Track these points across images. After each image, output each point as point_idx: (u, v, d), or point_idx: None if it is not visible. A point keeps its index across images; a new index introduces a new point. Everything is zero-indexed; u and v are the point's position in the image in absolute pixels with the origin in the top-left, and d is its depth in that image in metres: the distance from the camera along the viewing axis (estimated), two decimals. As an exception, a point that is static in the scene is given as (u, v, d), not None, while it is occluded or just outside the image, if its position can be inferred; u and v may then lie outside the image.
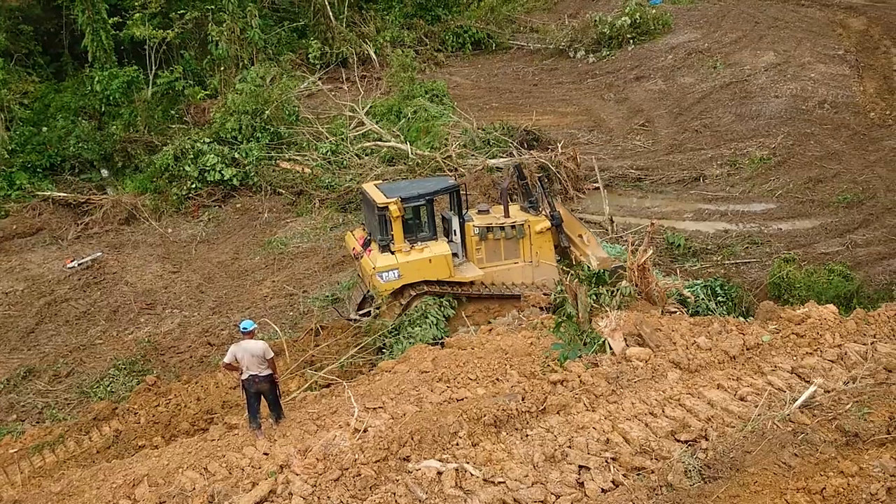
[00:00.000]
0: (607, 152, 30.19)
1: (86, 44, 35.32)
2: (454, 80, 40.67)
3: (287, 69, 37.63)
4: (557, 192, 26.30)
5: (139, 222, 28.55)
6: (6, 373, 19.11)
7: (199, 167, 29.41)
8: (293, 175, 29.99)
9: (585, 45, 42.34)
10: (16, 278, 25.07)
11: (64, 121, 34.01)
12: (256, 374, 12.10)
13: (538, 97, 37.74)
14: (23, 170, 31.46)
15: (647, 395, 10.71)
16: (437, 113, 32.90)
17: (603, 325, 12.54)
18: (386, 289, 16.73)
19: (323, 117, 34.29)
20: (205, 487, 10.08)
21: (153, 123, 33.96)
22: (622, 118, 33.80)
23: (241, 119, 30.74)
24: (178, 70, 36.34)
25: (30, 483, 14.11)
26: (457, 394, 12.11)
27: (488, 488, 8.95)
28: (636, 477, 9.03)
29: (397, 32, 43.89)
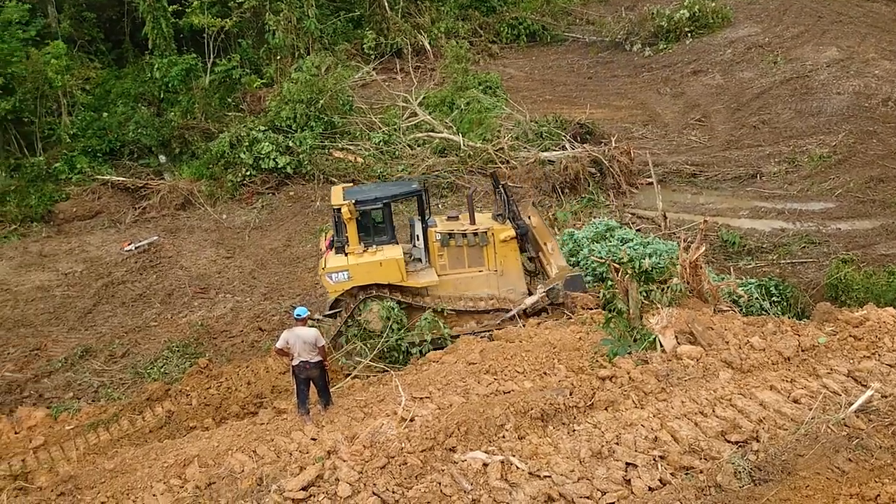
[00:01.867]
0: (662, 147, 29.80)
1: (146, 31, 36.03)
2: (508, 72, 40.50)
3: (342, 59, 37.88)
4: (610, 187, 26.07)
5: (195, 208, 29.04)
6: (64, 351, 19.59)
7: (253, 155, 29.78)
8: (345, 164, 30.20)
9: (642, 38, 41.85)
10: (75, 260, 25.71)
11: (124, 107, 34.75)
12: (307, 361, 12.25)
13: (593, 90, 37.39)
14: (84, 154, 32.20)
15: (698, 394, 10.57)
16: (490, 105, 32.83)
17: (654, 322, 12.39)
18: (335, 290, 16.49)
19: (376, 107, 34.45)
20: (253, 470, 10.23)
21: (210, 111, 34.46)
22: (678, 113, 33.32)
23: (296, 108, 31.03)
24: (236, 58, 36.88)
25: (85, 459, 14.47)
26: (504, 386, 12.10)
27: (534, 482, 8.93)
28: (684, 476, 8.92)
29: (452, 23, 43.86)
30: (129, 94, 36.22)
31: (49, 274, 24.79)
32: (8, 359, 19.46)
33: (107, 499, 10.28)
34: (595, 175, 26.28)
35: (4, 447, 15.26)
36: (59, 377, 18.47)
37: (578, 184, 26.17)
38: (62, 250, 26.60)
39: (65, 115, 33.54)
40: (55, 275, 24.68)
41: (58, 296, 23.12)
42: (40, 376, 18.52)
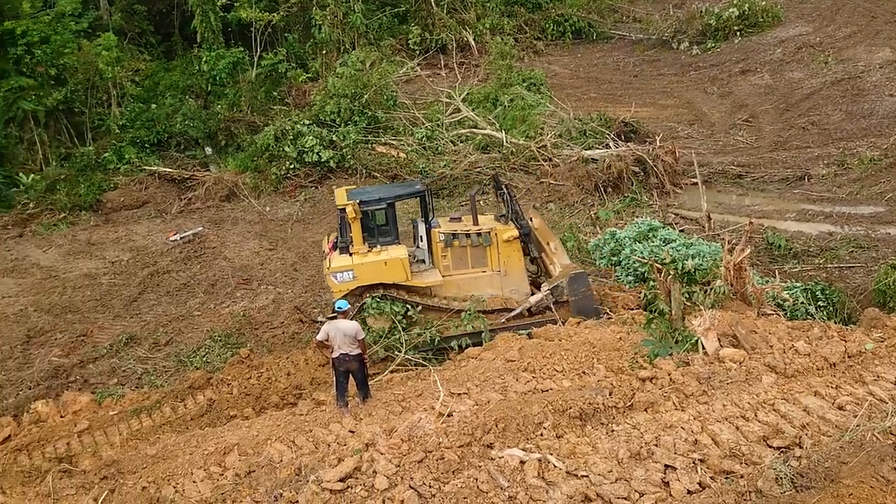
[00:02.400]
0: (708, 147, 29.43)
1: (195, 25, 36.56)
2: (552, 69, 40.30)
3: (387, 54, 38.02)
4: (653, 187, 25.81)
5: (239, 200, 29.38)
6: (110, 338, 19.93)
7: (297, 148, 30.03)
8: (388, 159, 30.31)
9: (690, 37, 41.37)
10: (122, 248, 26.17)
11: (172, 99, 35.28)
12: (347, 353, 12.33)
13: (638, 88, 37.04)
14: (132, 144, 32.75)
15: (740, 397, 10.43)
16: (534, 102, 32.70)
17: (696, 324, 12.25)
18: (340, 289, 16.41)
19: (420, 103, 34.50)
20: (292, 460, 10.33)
21: (256, 104, 34.84)
22: (725, 112, 32.87)
23: (341, 102, 31.21)
24: (282, 52, 37.20)
25: (127, 445, 14.72)
26: (542, 384, 12.07)
27: (571, 481, 8.89)
28: (724, 480, 8.81)
29: (497, 20, 43.75)
30: (177, 86, 36.76)
31: (96, 262, 25.27)
32: (55, 344, 19.84)
33: (148, 484, 10.46)
34: (639, 174, 26.04)
35: (50, 430, 15.57)
36: (104, 363, 18.78)
37: (622, 183, 25.94)
38: (109, 239, 27.09)
39: (114, 106, 34.14)
40: (102, 263, 25.14)
41: (104, 283, 23.55)
42: (86, 362, 18.86)
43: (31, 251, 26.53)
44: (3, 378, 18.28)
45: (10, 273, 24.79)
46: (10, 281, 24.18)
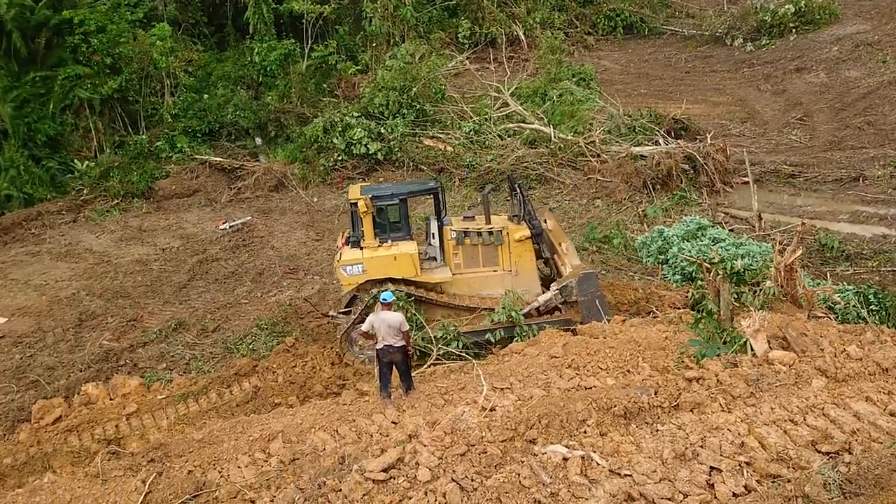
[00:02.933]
0: (760, 146, 28.94)
1: (248, 16, 37.01)
2: (603, 65, 39.98)
3: (436, 47, 38.07)
4: (703, 185, 25.45)
5: (287, 190, 29.70)
6: (159, 324, 20.29)
7: (346, 140, 30.25)
8: (435, 152, 30.36)
9: (744, 33, 40.73)
10: (172, 235, 26.63)
11: (224, 89, 35.77)
12: (391, 345, 12.39)
13: (689, 85, 36.59)
14: (184, 134, 33.31)
15: (789, 401, 10.24)
16: (583, 97, 32.48)
17: (745, 325, 12.06)
18: (350, 283, 16.53)
19: (468, 97, 34.48)
20: (335, 449, 10.41)
21: (306, 95, 35.17)
22: (778, 111, 32.29)
23: (389, 95, 31.34)
24: (332, 45, 37.51)
25: (174, 429, 15.00)
26: (585, 382, 11.99)
27: (614, 479, 8.83)
28: (770, 484, 8.67)
29: (548, 14, 43.52)
30: (229, 76, 37.27)
31: (147, 248, 25.75)
32: (106, 328, 20.27)
33: (194, 468, 10.62)
34: (688, 172, 25.70)
35: (100, 412, 15.93)
36: (153, 348, 19.12)
37: (671, 180, 25.62)
38: (160, 226, 27.59)
39: (167, 96, 34.72)
40: (153, 249, 25.61)
41: (155, 270, 23.98)
42: (136, 346, 19.22)
43: (85, 236, 27.15)
44: (55, 360, 18.72)
45: (63, 257, 25.39)
46: (64, 265, 24.77)
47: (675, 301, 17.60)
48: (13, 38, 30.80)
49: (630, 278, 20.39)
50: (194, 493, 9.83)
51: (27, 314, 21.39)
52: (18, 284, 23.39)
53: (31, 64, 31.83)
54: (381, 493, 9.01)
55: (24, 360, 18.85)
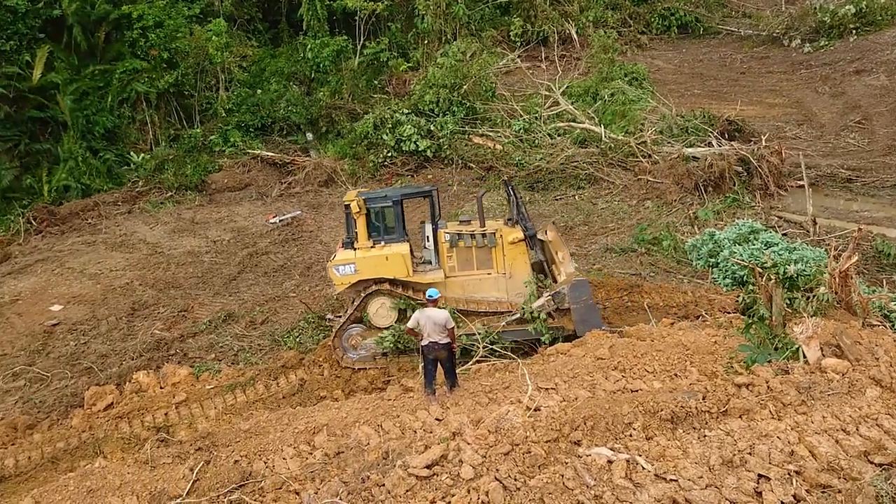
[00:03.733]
0: (816, 149, 28.34)
1: (302, 13, 37.37)
2: (656, 64, 39.53)
3: (488, 45, 38.03)
4: (757, 188, 25.01)
5: (337, 185, 29.94)
6: (209, 315, 20.62)
7: (396, 137, 30.40)
8: (484, 150, 30.35)
9: (802, 34, 39.93)
10: (224, 228, 27.03)
11: (277, 85, 36.20)
12: (436, 342, 12.39)
13: (745, 86, 35.98)
14: (237, 128, 33.80)
15: (841, 410, 10.01)
16: (635, 97, 32.18)
17: (798, 332, 11.81)
18: (342, 282, 16.62)
19: (518, 95, 34.38)
20: (379, 444, 10.45)
21: (357, 92, 35.42)
22: (836, 114, 31.59)
23: (440, 92, 31.41)
24: (384, 42, 37.69)
25: (222, 418, 15.26)
26: (631, 384, 11.85)
27: (659, 484, 8.72)
28: (820, 495, 8.49)
29: (601, 12, 43.19)
30: (282, 72, 37.69)
31: (199, 240, 26.17)
32: (158, 317, 20.66)
33: (240, 457, 10.75)
34: (742, 174, 25.27)
35: (150, 400, 16.26)
36: (203, 338, 19.44)
37: (723, 182, 25.20)
38: (212, 219, 28.03)
39: (222, 91, 35.27)
40: (205, 241, 26.02)
41: (206, 261, 24.37)
42: (186, 336, 19.57)
43: (139, 227, 27.69)
44: (108, 348, 19.14)
45: (118, 247, 25.94)
46: (119, 255, 25.30)
47: (725, 305, 17.34)
48: (74, 33, 31.58)
49: (679, 281, 20.14)
50: (240, 482, 9.96)
51: (82, 302, 21.91)
52: (74, 273, 23.96)
53: (91, 58, 32.60)
54: (424, 490, 9.02)
55: (78, 347, 19.31)
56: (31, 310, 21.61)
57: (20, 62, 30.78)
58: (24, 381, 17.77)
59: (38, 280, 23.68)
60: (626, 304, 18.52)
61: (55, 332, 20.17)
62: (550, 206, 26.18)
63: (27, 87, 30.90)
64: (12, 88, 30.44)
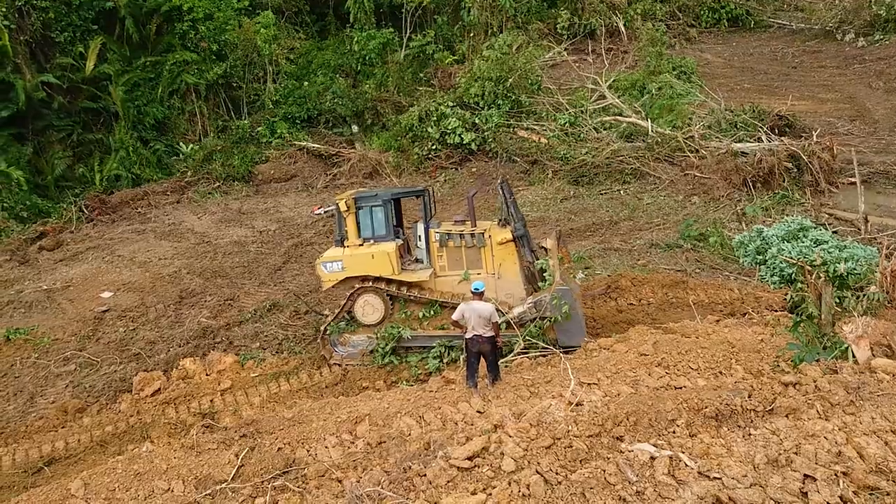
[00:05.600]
0: (869, 145, 27.73)
1: (349, 5, 37.52)
2: (705, 58, 39.01)
3: (534, 38, 37.84)
4: (807, 184, 24.56)
5: (381, 177, 30.07)
6: (254, 304, 20.87)
7: (440, 129, 30.43)
8: (529, 144, 30.23)
9: (856, 27, 39.13)
10: (270, 218, 27.33)
11: (323, 77, 36.47)
12: (480, 335, 12.40)
13: (796, 81, 35.35)
14: (284, 120, 34.13)
15: (891, 411, 9.80)
16: (683, 91, 31.80)
17: (847, 331, 11.59)
18: (329, 280, 16.76)
19: (564, 88, 34.19)
20: (421, 435, 10.51)
21: (402, 85, 35.53)
22: (890, 110, 30.87)
23: (485, 85, 31.34)
24: (430, 34, 37.71)
25: (266, 406, 15.44)
26: (675, 381, 11.74)
27: (702, 482, 8.63)
28: (868, 496, 8.33)
29: (650, 5, 42.77)
30: (328, 65, 37.95)
31: (245, 230, 26.49)
32: (205, 306, 20.95)
33: (283, 445, 10.88)
34: (791, 170, 24.83)
35: (196, 387, 16.53)
36: (248, 327, 19.67)
37: (773, 178, 24.79)
38: (259, 209, 28.34)
39: (269, 83, 35.62)
40: (251, 231, 26.34)
41: (252, 251, 24.66)
42: (232, 325, 19.82)
43: (187, 217, 28.12)
44: (156, 335, 19.48)
45: (167, 236, 26.38)
46: (167, 244, 25.73)
47: (773, 303, 17.08)
48: (126, 25, 32.14)
49: (725, 278, 19.89)
50: (284, 469, 10.09)
51: (131, 290, 22.32)
52: (124, 261, 24.42)
53: (142, 49, 33.17)
54: (466, 481, 9.05)
55: (127, 333, 19.69)
56: (81, 296, 22.08)
57: (74, 53, 31.44)
58: (74, 365, 18.17)
59: (88, 267, 24.19)
60: (670, 300, 18.33)
61: (105, 319, 20.58)
62: (595, 201, 26.00)
63: (80, 78, 31.56)
64: (66, 79, 31.11)
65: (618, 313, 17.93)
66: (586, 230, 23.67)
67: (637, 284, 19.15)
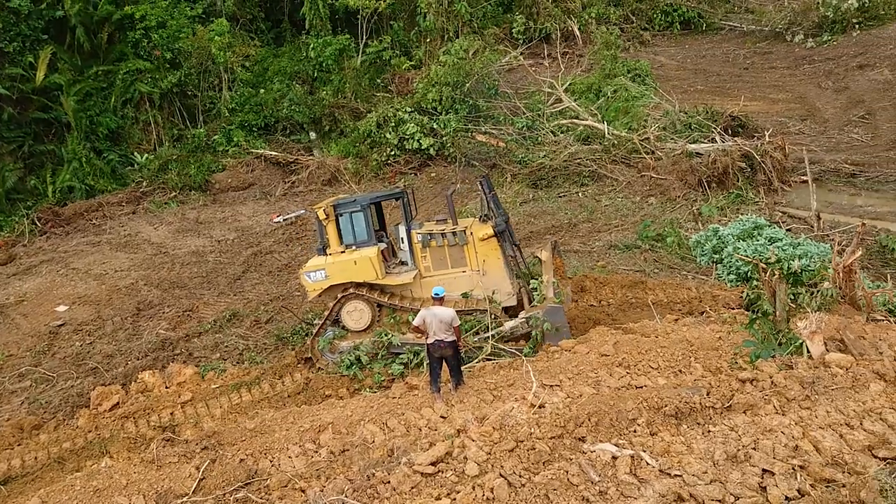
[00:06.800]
0: (820, 144, 28.30)
1: (304, 12, 37.38)
2: (658, 60, 39.51)
3: (490, 43, 37.97)
4: (760, 183, 24.98)
5: (340, 184, 29.99)
6: (214, 314, 20.65)
7: (399, 135, 30.42)
8: (488, 148, 30.35)
9: (805, 29, 39.93)
10: (228, 228, 27.08)
11: (279, 84, 36.23)
12: (442, 339, 12.41)
13: (748, 82, 35.95)
14: (240, 128, 33.87)
15: (845, 404, 10.02)
16: (638, 93, 32.17)
17: (801, 327, 11.82)
18: (313, 288, 16.70)
19: (521, 92, 34.41)
20: (385, 441, 10.49)
21: (360, 91, 35.45)
22: (839, 109, 31.53)
23: (443, 90, 31.41)
24: (387, 40, 37.71)
25: (227, 417, 15.27)
26: (636, 381, 11.87)
27: (664, 479, 8.74)
28: (825, 489, 8.50)
29: (604, 9, 43.22)
30: (284, 72, 37.73)
31: (203, 240, 26.22)
32: (163, 317, 20.69)
33: (246, 456, 10.79)
34: (745, 170, 25.25)
35: (156, 400, 16.29)
36: (208, 338, 19.45)
37: (727, 178, 25.17)
38: (216, 218, 28.08)
39: (225, 90, 35.32)
40: (209, 241, 26.07)
41: (210, 261, 24.41)
42: (191, 336, 19.58)
43: (143, 227, 27.76)
44: (113, 348, 19.18)
45: (123, 248, 26.00)
46: (123, 255, 25.35)
47: (730, 301, 17.33)
48: (77, 34, 31.66)
49: (683, 277, 20.12)
50: (246, 480, 10.00)
51: (87, 303, 21.96)
52: (79, 273, 24.02)
53: (94, 59, 32.69)
54: (430, 487, 9.05)
55: (83, 347, 19.36)
56: (36, 311, 21.67)
57: (24, 64, 30.87)
58: (30, 381, 17.82)
59: (42, 281, 23.75)
60: (630, 300, 18.50)
61: (60, 333, 20.22)
62: (554, 204, 26.17)
63: (31, 89, 30.99)
64: (16, 90, 30.53)
65: (581, 314, 18.07)
66: (546, 233, 23.80)
67: (598, 285, 19.32)
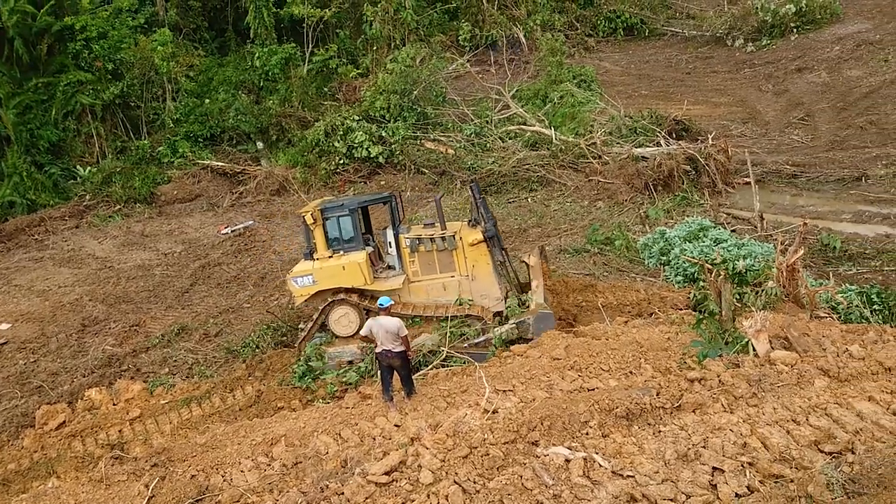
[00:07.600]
0: (761, 146, 28.92)
1: (248, 21, 37.08)
2: (603, 66, 40.01)
3: (437, 50, 38.09)
4: (705, 186, 25.43)
5: (289, 194, 29.76)
6: (162, 328, 20.30)
7: (347, 144, 30.32)
8: (437, 155, 30.40)
9: (744, 33, 40.81)
10: (175, 240, 26.67)
11: (225, 94, 35.88)
12: (390, 350, 12.37)
13: (690, 86, 36.60)
14: (185, 139, 33.42)
15: (791, 401, 10.22)
16: (584, 99, 32.49)
17: (747, 326, 12.04)
18: (301, 294, 16.60)
19: (469, 99, 34.52)
20: (338, 452, 10.42)
21: (307, 100, 35.25)
22: (780, 111, 32.28)
23: (390, 98, 31.40)
24: (333, 48, 37.58)
25: (177, 433, 15.03)
26: (588, 383, 11.97)
27: (616, 480, 8.81)
28: (773, 485, 8.64)
29: (548, 16, 43.64)
30: (230, 81, 37.37)
31: (150, 253, 25.79)
32: (109, 333, 20.30)
33: (197, 472, 10.62)
34: (690, 173, 25.69)
35: (103, 417, 15.96)
36: (156, 353, 19.12)
37: (672, 181, 25.59)
38: (162, 231, 27.64)
39: (169, 101, 34.84)
40: (155, 254, 25.65)
41: (157, 275, 24.02)
42: (139, 351, 19.23)
43: (87, 242, 27.20)
44: (58, 365, 18.75)
45: (66, 263, 25.45)
46: (67, 271, 24.82)
47: (678, 302, 17.58)
48: (15, 45, 30.95)
49: (632, 280, 20.36)
50: (197, 497, 9.83)
51: (30, 320, 21.44)
52: (22, 290, 23.45)
53: (34, 70, 31.98)
54: (384, 496, 9.00)
55: (27, 365, 18.89)
56: (-24, 329, 21.10)
57: (-41, 76, 30.11)
58: (-29, 402, 17.34)
59: (-17, 299, 23.14)
60: (580, 303, 18.65)
61: (3, 352, 19.72)
62: (504, 209, 26.30)
63: (-33, 102, 30.22)
64: (-49, 103, 29.75)
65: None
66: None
67: (549, 290, 19.44)
